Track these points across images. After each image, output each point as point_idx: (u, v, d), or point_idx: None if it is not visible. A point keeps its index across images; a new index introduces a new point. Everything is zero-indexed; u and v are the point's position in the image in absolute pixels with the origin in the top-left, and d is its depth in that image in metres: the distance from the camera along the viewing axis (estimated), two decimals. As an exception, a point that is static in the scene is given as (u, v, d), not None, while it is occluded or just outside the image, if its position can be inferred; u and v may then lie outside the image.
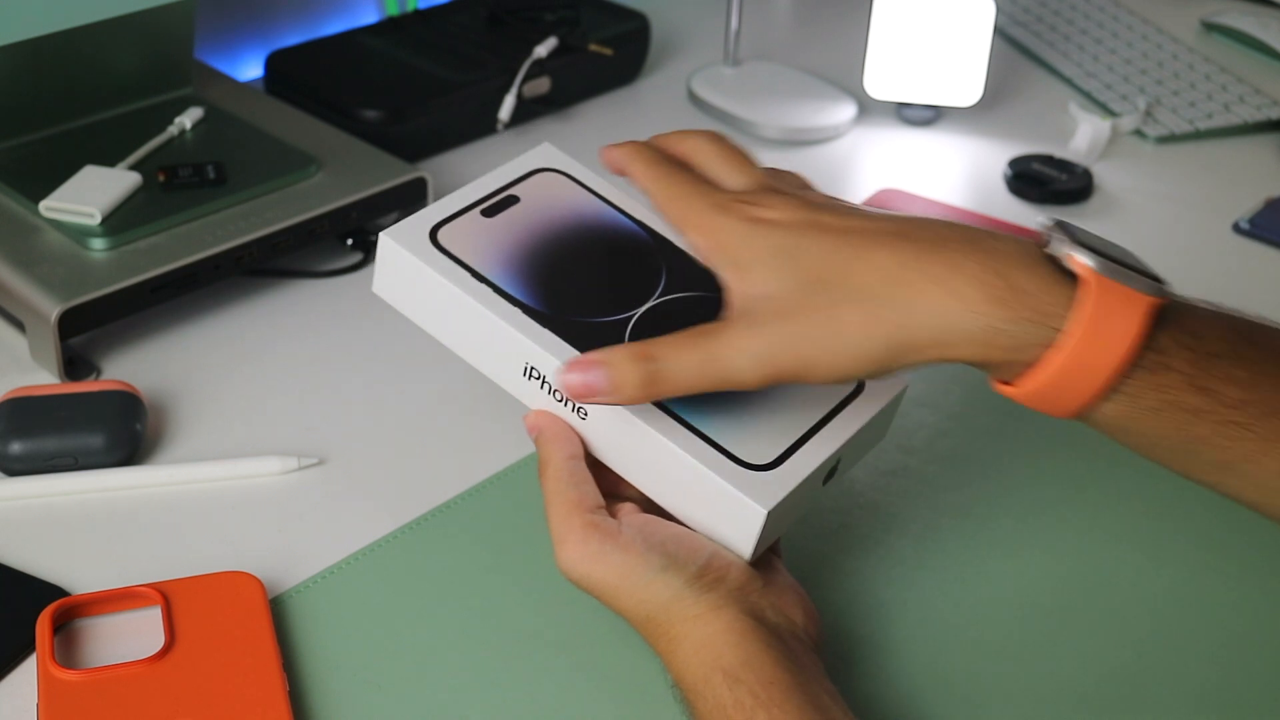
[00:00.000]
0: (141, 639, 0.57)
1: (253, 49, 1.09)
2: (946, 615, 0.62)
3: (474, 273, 0.56)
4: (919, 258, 0.50)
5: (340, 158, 0.86)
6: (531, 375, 0.55)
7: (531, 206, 0.59)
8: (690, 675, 0.50)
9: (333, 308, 0.82)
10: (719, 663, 0.50)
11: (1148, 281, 0.49)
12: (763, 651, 0.50)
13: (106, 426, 0.67)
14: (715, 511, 0.54)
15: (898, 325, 0.49)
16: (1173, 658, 0.61)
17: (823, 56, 1.16)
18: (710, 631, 0.51)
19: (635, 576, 0.52)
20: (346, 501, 0.67)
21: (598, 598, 0.53)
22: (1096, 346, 0.48)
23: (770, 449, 0.54)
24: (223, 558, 0.63)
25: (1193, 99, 1.11)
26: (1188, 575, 0.65)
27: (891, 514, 0.68)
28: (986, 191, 0.99)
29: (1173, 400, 0.50)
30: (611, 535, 0.52)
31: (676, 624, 0.51)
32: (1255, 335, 0.51)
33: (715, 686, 0.49)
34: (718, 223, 0.54)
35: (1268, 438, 0.50)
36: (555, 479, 0.54)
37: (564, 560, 0.53)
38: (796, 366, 0.50)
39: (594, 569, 0.52)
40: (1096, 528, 0.68)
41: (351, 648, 0.59)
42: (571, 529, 0.53)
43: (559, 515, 0.53)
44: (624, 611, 0.53)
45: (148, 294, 0.74)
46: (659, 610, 0.52)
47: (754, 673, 0.49)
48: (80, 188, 0.78)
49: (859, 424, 0.57)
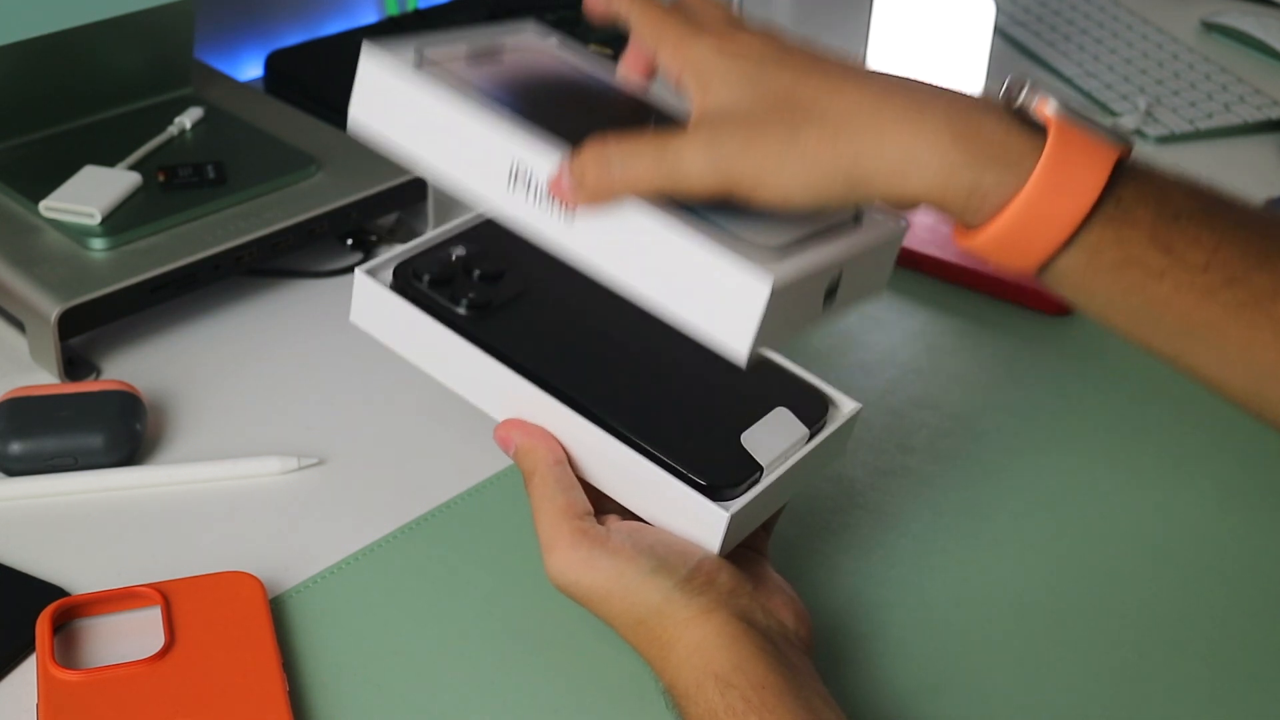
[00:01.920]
0: (141, 639, 0.57)
1: (253, 49, 1.09)
2: (947, 615, 0.62)
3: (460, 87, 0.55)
4: (888, 93, 0.49)
5: (340, 158, 0.86)
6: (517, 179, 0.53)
7: (517, 57, 0.59)
8: (682, 680, 0.50)
9: (332, 307, 0.82)
10: (710, 667, 0.50)
11: (1113, 134, 0.48)
12: (754, 655, 0.50)
13: (106, 426, 0.67)
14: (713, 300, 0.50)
15: (857, 153, 0.48)
16: (1173, 658, 0.61)
17: (823, 56, 1.16)
18: (701, 635, 0.51)
19: (626, 580, 0.52)
20: (346, 501, 0.67)
21: (587, 605, 0.53)
22: (1058, 193, 0.47)
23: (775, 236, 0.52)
24: (223, 558, 0.63)
25: (1193, 99, 1.11)
26: (1188, 575, 0.65)
27: (891, 514, 0.68)
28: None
29: (1134, 256, 0.48)
30: (600, 540, 0.52)
31: (668, 628, 0.51)
32: (1221, 201, 0.50)
33: (707, 691, 0.49)
34: (691, 45, 0.52)
35: (1230, 305, 0.47)
36: (542, 485, 0.54)
37: (553, 567, 0.53)
38: (748, 177, 0.48)
39: (584, 575, 0.52)
40: (1097, 528, 0.68)
41: (351, 648, 0.59)
42: (560, 535, 0.53)
43: (548, 522, 0.53)
44: (614, 618, 0.53)
45: (148, 294, 0.74)
46: (650, 614, 0.52)
47: (745, 677, 0.49)
48: (80, 188, 0.78)
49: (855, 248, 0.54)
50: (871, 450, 0.72)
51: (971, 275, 0.85)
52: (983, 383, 0.76)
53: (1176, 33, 1.23)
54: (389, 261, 0.60)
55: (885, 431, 0.73)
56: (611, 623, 0.53)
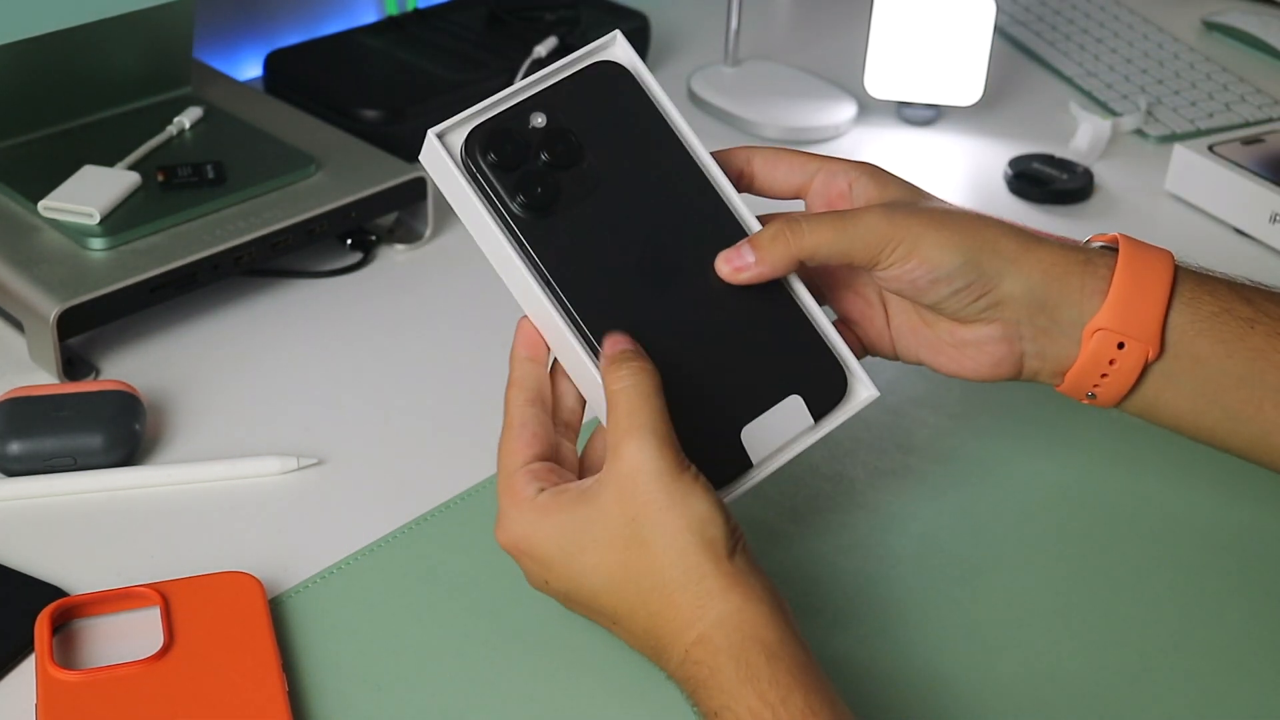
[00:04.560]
0: (140, 639, 0.57)
1: (252, 48, 1.09)
2: (947, 617, 0.62)
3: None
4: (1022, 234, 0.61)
5: (339, 157, 0.86)
6: None
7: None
8: (724, 639, 0.50)
9: (332, 308, 0.82)
10: (758, 634, 0.50)
11: None
12: (794, 636, 0.51)
13: (105, 427, 0.67)
14: None
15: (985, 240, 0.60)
16: (1177, 659, 0.61)
17: (823, 56, 1.16)
18: (746, 597, 0.50)
19: (698, 498, 0.51)
20: (346, 501, 0.67)
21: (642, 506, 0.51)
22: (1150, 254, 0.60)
23: None
24: (222, 558, 0.63)
25: (1194, 98, 1.11)
26: (1192, 577, 0.65)
27: (891, 514, 0.68)
28: (987, 191, 0.99)
29: (1227, 307, 0.59)
30: (688, 463, 0.52)
31: (709, 576, 0.51)
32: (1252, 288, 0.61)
33: (752, 655, 0.49)
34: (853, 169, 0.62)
35: None
36: (652, 386, 0.53)
37: (649, 450, 0.51)
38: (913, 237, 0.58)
39: (669, 470, 0.51)
40: (1100, 528, 0.68)
41: (351, 648, 0.59)
42: (670, 433, 0.52)
43: (660, 415, 0.52)
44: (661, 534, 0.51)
45: (147, 294, 0.74)
46: (698, 549, 0.51)
47: (791, 654, 0.50)
48: (79, 187, 0.78)
49: None
50: (872, 450, 0.72)
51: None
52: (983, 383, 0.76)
53: (1177, 32, 1.23)
54: (468, 119, 0.56)
55: (885, 431, 0.73)
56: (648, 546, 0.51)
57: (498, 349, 0.62)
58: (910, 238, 0.58)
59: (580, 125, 0.57)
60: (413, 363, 0.78)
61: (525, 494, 0.55)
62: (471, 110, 0.56)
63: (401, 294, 0.84)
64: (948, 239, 0.58)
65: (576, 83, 0.58)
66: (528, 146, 0.56)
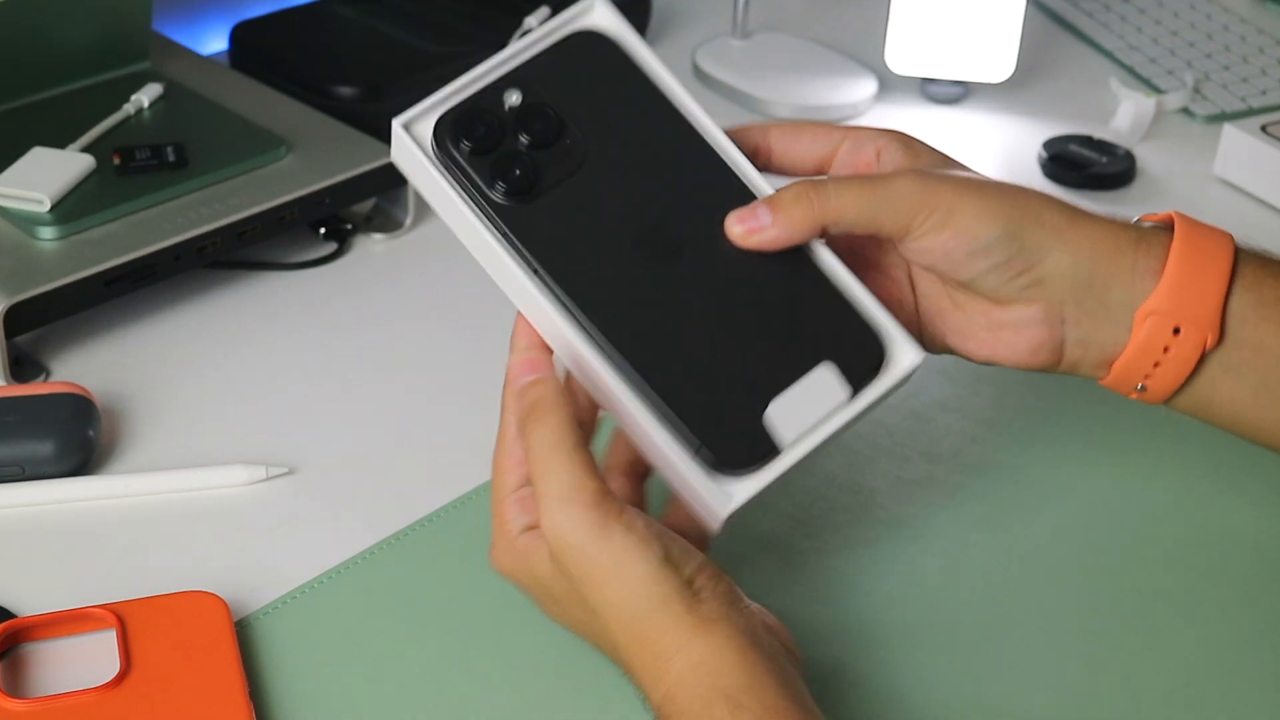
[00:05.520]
0: (95, 665, 0.57)
1: (216, 20, 1.09)
2: (976, 641, 0.62)
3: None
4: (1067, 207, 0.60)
5: (312, 139, 0.86)
6: None
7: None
8: (685, 695, 0.50)
9: (304, 303, 0.82)
10: (719, 684, 0.50)
11: None
12: (765, 676, 0.50)
13: (56, 432, 0.67)
14: None
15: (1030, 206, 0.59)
16: (1228, 688, 0.61)
17: (840, 27, 1.16)
18: (706, 648, 0.50)
19: (632, 563, 0.51)
20: (319, 514, 0.67)
21: (577, 581, 0.52)
22: (1208, 238, 0.59)
23: None
24: (184, 576, 0.63)
25: (1245, 74, 1.11)
26: (1245, 598, 0.65)
27: (916, 528, 0.68)
28: (1020, 175, 0.99)
29: None
30: (617, 512, 0.52)
31: (668, 632, 0.51)
32: None
33: (715, 710, 0.49)
34: None
35: None
36: (560, 428, 0.53)
37: (561, 524, 0.51)
38: (949, 204, 0.58)
39: (591, 542, 0.51)
40: (1143, 544, 0.68)
41: (324, 675, 0.59)
42: (582, 489, 0.52)
43: (563, 470, 0.52)
44: (604, 608, 0.52)
45: (101, 287, 0.74)
46: (648, 611, 0.51)
47: (758, 699, 0.49)
48: (27, 171, 0.78)
49: None
50: (894, 458, 0.72)
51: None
52: (1015, 384, 0.76)
53: (1227, 3, 1.23)
54: (435, 105, 0.56)
55: (909, 438, 0.73)
56: (598, 614, 0.52)
57: (486, 347, 0.62)
58: (946, 205, 0.57)
59: (561, 99, 0.56)
60: (392, 363, 0.78)
61: (511, 528, 0.55)
62: (439, 95, 0.56)
63: (380, 287, 0.84)
64: (987, 207, 0.57)
65: (554, 55, 0.57)
66: (504, 128, 0.55)
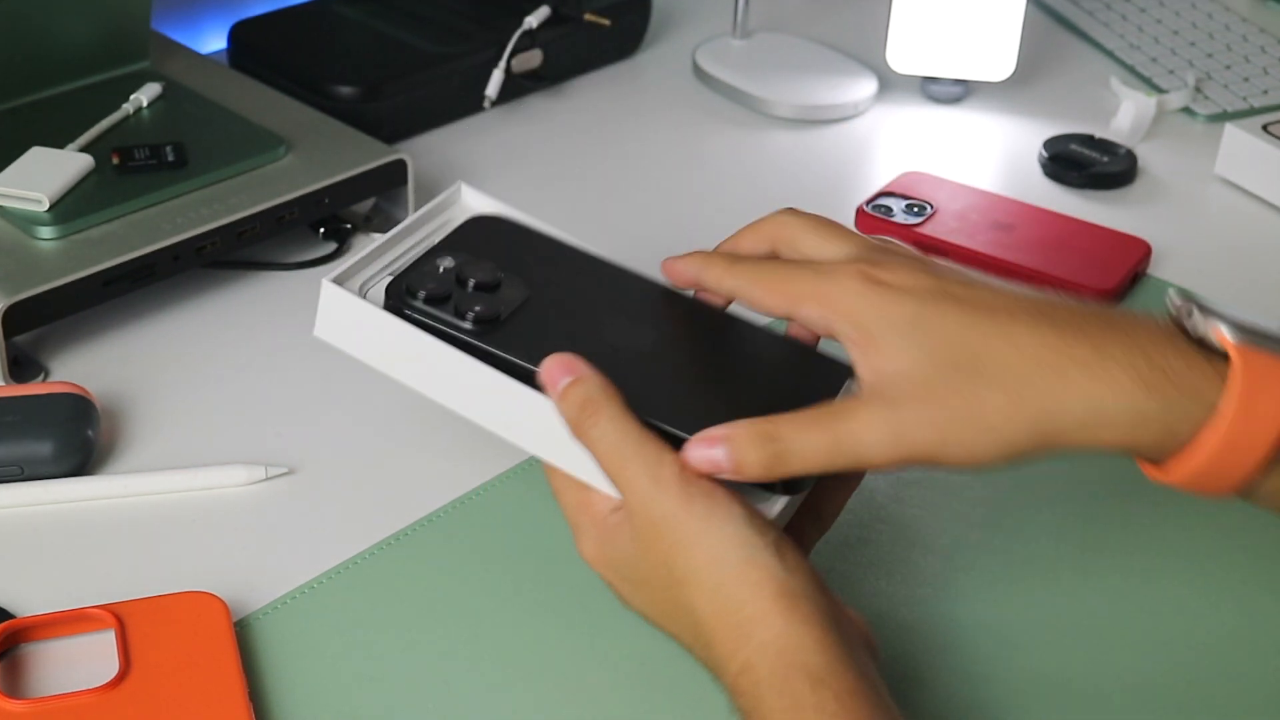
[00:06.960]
0: (93, 665, 0.57)
1: (216, 19, 1.09)
2: (977, 641, 0.62)
3: None
4: (1062, 338, 0.52)
5: (312, 138, 0.86)
6: None
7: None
8: (765, 666, 0.50)
9: (303, 303, 0.82)
10: (800, 660, 0.50)
11: None
12: (844, 660, 0.50)
13: (55, 433, 0.67)
14: None
15: (1043, 410, 0.51)
16: (1228, 689, 0.61)
17: (840, 27, 1.16)
18: (790, 622, 0.50)
19: (720, 520, 0.51)
20: (319, 514, 0.67)
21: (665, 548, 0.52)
22: (1252, 420, 0.51)
23: None
24: (183, 576, 0.63)
25: (1246, 74, 1.11)
26: (1243, 600, 0.65)
27: (915, 528, 0.68)
28: (1020, 175, 0.99)
29: None
30: (698, 481, 0.52)
31: (750, 602, 0.51)
32: None
33: (794, 683, 0.49)
34: (835, 288, 0.54)
35: None
36: (618, 419, 0.53)
37: (652, 496, 0.52)
38: (932, 450, 0.52)
39: (681, 507, 0.52)
40: (1149, 541, 0.68)
41: (324, 675, 0.59)
42: (666, 464, 0.52)
43: (642, 456, 0.53)
44: (691, 573, 0.52)
45: (100, 287, 0.74)
46: (735, 578, 0.51)
47: (838, 680, 0.50)
48: (26, 171, 0.78)
49: None
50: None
51: (1004, 266, 0.85)
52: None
53: (1228, 2, 1.23)
54: (354, 270, 0.60)
55: (909, 438, 0.73)
56: (684, 583, 0.52)
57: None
58: (930, 446, 0.52)
59: (489, 256, 0.60)
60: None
61: (599, 510, 0.55)
62: (357, 265, 0.60)
63: (379, 287, 0.84)
64: (987, 431, 0.52)
65: (458, 234, 0.62)
66: (449, 280, 0.59)
